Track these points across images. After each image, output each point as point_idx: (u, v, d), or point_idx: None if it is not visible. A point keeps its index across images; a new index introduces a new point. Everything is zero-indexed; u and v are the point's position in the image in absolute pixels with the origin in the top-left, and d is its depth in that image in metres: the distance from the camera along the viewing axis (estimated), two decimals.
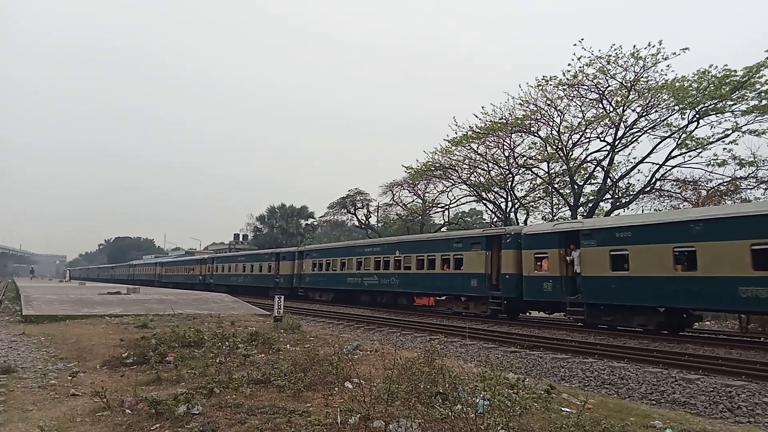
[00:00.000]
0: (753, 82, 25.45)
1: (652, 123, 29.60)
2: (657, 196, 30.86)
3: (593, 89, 30.47)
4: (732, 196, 27.26)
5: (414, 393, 6.12)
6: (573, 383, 10.31)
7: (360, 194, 54.87)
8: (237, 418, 5.79)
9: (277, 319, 15.76)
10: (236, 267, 46.14)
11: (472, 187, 39.49)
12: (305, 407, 6.12)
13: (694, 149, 28.16)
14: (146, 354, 9.49)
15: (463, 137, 35.93)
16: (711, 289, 14.52)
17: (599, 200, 32.63)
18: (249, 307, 22.12)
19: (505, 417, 4.94)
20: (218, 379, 7.43)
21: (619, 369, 10.85)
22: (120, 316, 16.58)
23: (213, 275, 50.32)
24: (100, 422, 6.24)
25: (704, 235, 14.80)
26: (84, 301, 20.59)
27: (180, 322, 14.57)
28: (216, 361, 8.99)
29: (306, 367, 7.79)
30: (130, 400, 6.70)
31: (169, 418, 5.92)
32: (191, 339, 10.67)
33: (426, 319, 22.30)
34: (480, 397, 5.63)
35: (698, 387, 9.27)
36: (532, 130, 33.78)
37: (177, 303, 20.90)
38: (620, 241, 17.02)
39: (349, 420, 5.37)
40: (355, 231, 62.55)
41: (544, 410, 6.07)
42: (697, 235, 14.96)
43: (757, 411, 8.01)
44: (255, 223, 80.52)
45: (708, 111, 27.14)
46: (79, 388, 7.93)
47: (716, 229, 14.59)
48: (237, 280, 45.20)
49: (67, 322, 15.38)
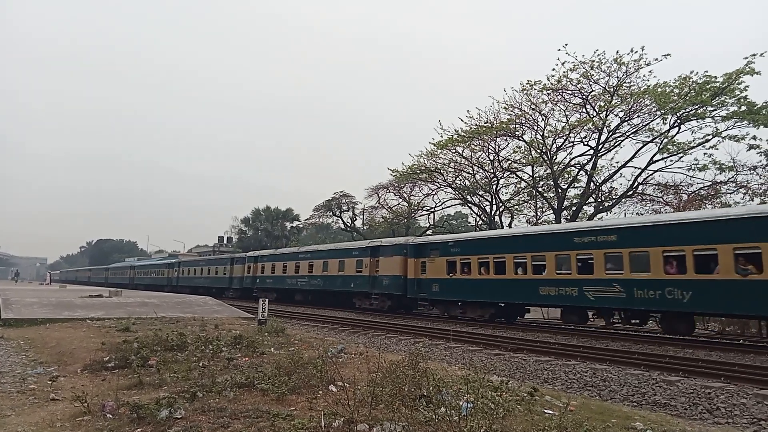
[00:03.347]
0: (733, 88, 25.93)
1: (634, 128, 30.07)
2: (639, 199, 31.33)
3: (577, 94, 30.85)
4: (712, 201, 27.73)
5: (398, 396, 6.13)
6: (556, 385, 10.38)
7: (346, 197, 54.88)
8: (220, 422, 5.75)
9: (261, 322, 15.67)
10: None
11: (458, 190, 39.71)
12: (289, 411, 6.09)
13: (675, 154, 28.64)
14: (128, 358, 9.39)
15: (449, 140, 36.13)
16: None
17: (583, 204, 32.99)
18: (233, 310, 21.97)
19: (488, 419, 4.96)
20: (201, 383, 7.36)
21: (602, 371, 10.95)
22: (102, 319, 16.37)
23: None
24: (81, 427, 6.16)
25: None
26: (65, 304, 20.30)
27: (163, 326, 14.42)
28: (199, 365, 8.92)
29: (290, 370, 7.76)
30: (111, 404, 6.62)
31: (151, 423, 5.86)
32: (174, 342, 10.58)
33: (411, 321, 22.36)
34: (464, 399, 5.66)
35: (678, 389, 9.39)
36: (517, 134, 34.09)
37: (160, 306, 20.70)
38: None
39: (333, 423, 5.36)
40: (341, 234, 62.49)
41: (527, 412, 6.10)
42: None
43: (735, 412, 8.13)
44: (239, 225, 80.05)
45: (689, 116, 27.62)
46: (59, 392, 7.81)
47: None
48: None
49: (47, 326, 15.16)
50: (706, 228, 15.01)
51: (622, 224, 17.66)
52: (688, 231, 15.35)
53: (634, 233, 16.69)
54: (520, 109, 32.80)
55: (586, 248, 17.76)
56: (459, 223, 57.99)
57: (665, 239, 15.77)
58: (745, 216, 14.41)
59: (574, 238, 18.23)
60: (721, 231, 14.51)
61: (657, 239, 15.94)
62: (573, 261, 18.10)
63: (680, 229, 15.56)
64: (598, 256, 17.37)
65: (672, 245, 15.57)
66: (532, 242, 20.08)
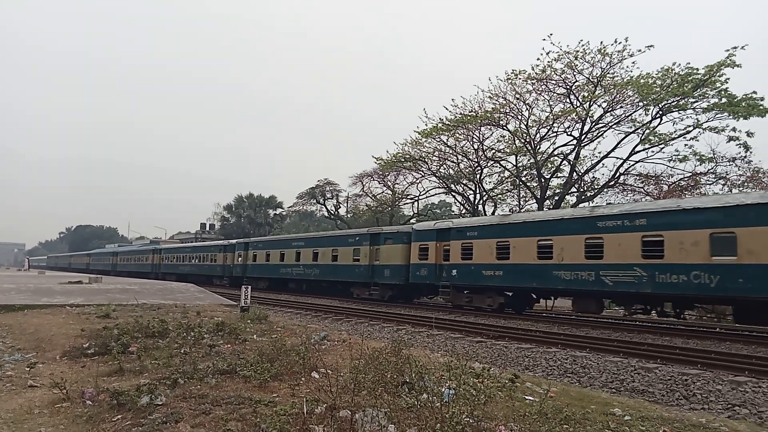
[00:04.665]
0: (714, 80, 26.22)
1: (617, 118, 30.33)
2: (621, 189, 31.68)
3: (561, 84, 30.94)
4: (692, 191, 28.13)
5: (381, 383, 6.15)
6: (537, 372, 10.52)
7: (330, 184, 54.65)
8: (201, 408, 5.71)
9: (244, 309, 15.61)
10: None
11: (442, 179, 39.76)
12: (271, 397, 6.08)
13: (656, 145, 28.98)
14: (108, 344, 9.27)
15: (433, 129, 36.06)
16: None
17: (565, 193, 33.27)
18: (215, 297, 21.84)
19: (469, 406, 5.00)
20: (183, 369, 7.31)
21: (581, 358, 11.10)
22: (81, 306, 16.16)
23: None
24: (59, 414, 6.09)
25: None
26: (43, 290, 20.01)
27: (144, 312, 14.29)
28: (180, 352, 8.84)
29: (272, 357, 7.74)
30: (90, 391, 6.54)
31: (132, 410, 5.81)
32: (155, 329, 10.48)
33: (394, 309, 22.43)
34: (446, 386, 5.69)
35: (656, 375, 9.56)
36: (501, 124, 34.13)
37: (141, 293, 20.49)
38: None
39: (315, 410, 5.36)
40: (325, 221, 62.31)
41: (508, 399, 6.17)
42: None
43: (711, 398, 8.31)
44: (222, 212, 79.45)
45: (671, 108, 27.92)
46: (37, 379, 7.71)
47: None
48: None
49: (25, 312, 14.91)
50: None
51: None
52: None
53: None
54: (504, 98, 32.84)
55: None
56: (443, 212, 58.13)
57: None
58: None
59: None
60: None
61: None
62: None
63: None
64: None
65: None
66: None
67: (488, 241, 20.99)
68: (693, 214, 15.09)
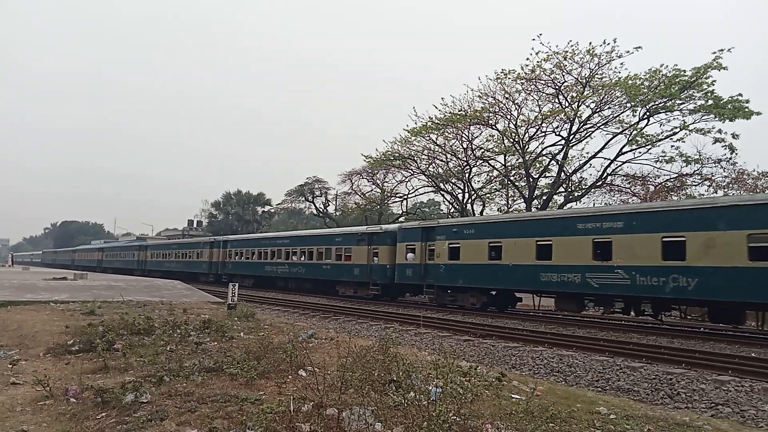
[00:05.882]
0: (700, 82, 26.49)
1: (605, 119, 30.52)
2: (608, 190, 31.92)
3: (550, 84, 31.09)
4: (678, 192, 28.41)
5: (368, 381, 6.14)
6: (523, 371, 10.56)
7: (318, 182, 54.55)
8: (187, 406, 5.68)
9: (231, 306, 15.53)
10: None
11: (431, 177, 39.82)
12: (258, 395, 6.05)
13: (643, 146, 29.21)
14: (93, 341, 9.19)
15: (423, 128, 36.09)
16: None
17: (553, 193, 33.46)
18: (202, 294, 21.73)
19: (456, 404, 5.00)
20: (168, 367, 7.26)
21: (568, 357, 11.17)
22: (66, 302, 16.00)
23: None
24: (42, 411, 6.02)
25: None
26: (27, 286, 19.78)
27: (129, 309, 14.18)
28: (166, 349, 8.79)
29: (259, 355, 7.71)
30: (74, 388, 6.48)
31: (116, 407, 5.76)
32: (141, 326, 10.41)
33: (381, 307, 22.42)
34: (433, 384, 5.70)
35: (642, 374, 9.64)
36: (490, 123, 34.24)
37: (127, 290, 20.33)
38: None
39: (302, 408, 5.35)
40: (313, 219, 62.21)
41: (495, 397, 6.19)
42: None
43: (695, 397, 8.39)
44: (210, 209, 78.92)
45: (658, 109, 28.17)
46: (20, 376, 7.61)
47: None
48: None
49: (8, 308, 14.72)
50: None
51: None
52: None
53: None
54: (494, 97, 32.95)
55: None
56: (431, 211, 58.22)
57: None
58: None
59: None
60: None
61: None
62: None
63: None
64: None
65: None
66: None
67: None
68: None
